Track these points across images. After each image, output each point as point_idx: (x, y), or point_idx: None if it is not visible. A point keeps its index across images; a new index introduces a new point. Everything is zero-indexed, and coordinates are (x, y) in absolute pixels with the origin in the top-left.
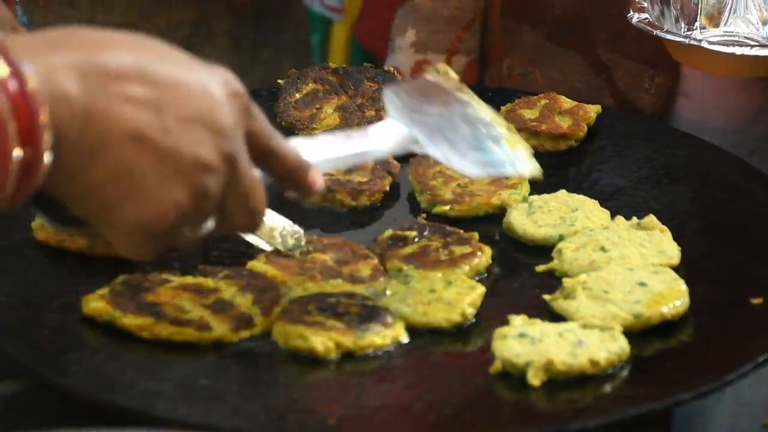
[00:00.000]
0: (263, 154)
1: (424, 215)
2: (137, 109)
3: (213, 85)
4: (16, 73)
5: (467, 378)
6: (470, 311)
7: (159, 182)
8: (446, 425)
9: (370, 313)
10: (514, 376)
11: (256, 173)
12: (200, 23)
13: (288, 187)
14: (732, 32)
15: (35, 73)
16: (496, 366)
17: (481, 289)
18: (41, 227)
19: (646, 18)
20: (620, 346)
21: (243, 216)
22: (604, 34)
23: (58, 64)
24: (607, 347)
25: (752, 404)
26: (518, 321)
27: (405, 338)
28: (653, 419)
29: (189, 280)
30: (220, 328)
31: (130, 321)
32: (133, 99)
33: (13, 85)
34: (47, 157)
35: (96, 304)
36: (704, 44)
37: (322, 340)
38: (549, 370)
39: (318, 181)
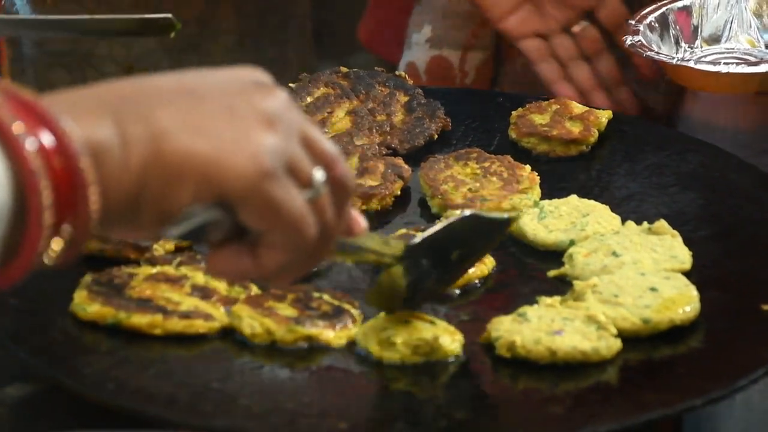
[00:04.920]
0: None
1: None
2: (175, 101)
3: (235, 67)
4: (60, 140)
5: (477, 383)
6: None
7: (236, 132)
8: (457, 431)
9: (336, 312)
10: (525, 381)
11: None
12: (206, 21)
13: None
14: (733, 49)
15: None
16: (484, 336)
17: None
18: None
19: (639, 40)
20: (595, 347)
21: (332, 166)
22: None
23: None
24: (580, 344)
25: (763, 410)
26: (548, 301)
27: (344, 343)
28: (663, 425)
29: (152, 270)
30: (220, 315)
31: (139, 320)
32: (163, 95)
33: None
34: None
35: (93, 308)
36: (690, 64)
37: (250, 323)
38: (512, 350)
39: (361, 220)
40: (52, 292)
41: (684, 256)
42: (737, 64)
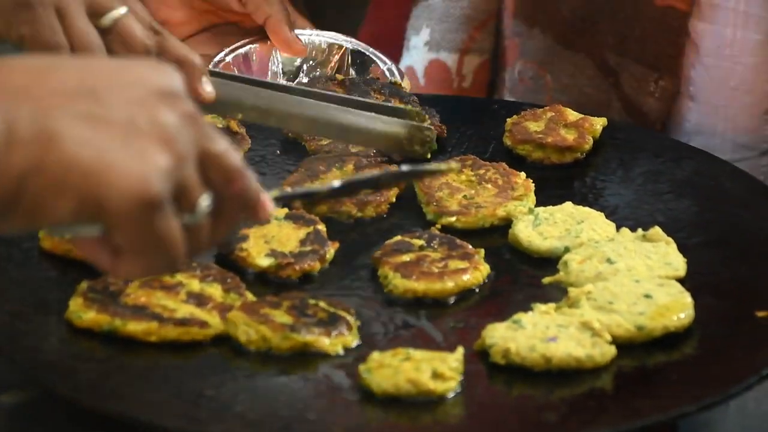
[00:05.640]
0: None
1: (439, 226)
2: (74, 102)
3: (143, 65)
4: None
5: (472, 391)
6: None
7: (129, 149)
8: None
9: (332, 319)
10: (519, 387)
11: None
12: None
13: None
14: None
15: None
16: (478, 343)
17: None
18: (47, 236)
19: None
20: (589, 354)
21: (230, 183)
22: (612, 37)
23: None
24: (574, 351)
25: (758, 417)
26: (542, 308)
27: (340, 350)
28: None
29: (147, 277)
30: (215, 322)
31: (135, 327)
32: (62, 94)
33: None
34: None
35: (89, 315)
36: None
37: (246, 331)
38: (507, 357)
39: (269, 206)
40: (48, 300)
41: (678, 263)
42: None
